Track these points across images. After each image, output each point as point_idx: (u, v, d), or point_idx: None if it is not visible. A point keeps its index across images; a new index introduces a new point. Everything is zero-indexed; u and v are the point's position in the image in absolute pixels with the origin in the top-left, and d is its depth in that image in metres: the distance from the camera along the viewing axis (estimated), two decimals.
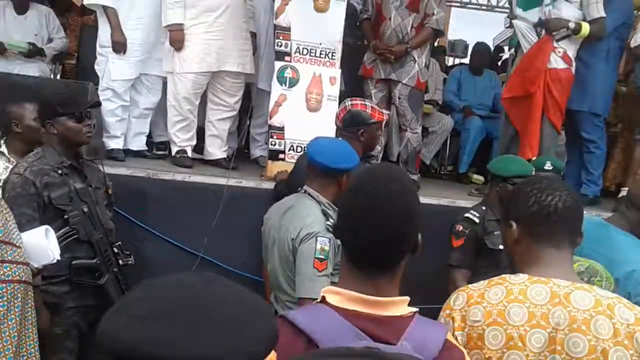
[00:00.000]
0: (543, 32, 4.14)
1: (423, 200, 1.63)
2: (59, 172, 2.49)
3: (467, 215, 2.95)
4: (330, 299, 1.16)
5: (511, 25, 4.68)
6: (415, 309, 1.18)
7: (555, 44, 4.09)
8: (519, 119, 4.25)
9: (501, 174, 2.96)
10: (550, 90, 4.11)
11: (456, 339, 1.35)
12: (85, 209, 2.54)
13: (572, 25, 4.01)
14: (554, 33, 4.05)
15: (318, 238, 2.25)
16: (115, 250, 2.64)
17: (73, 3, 6.49)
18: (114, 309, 0.77)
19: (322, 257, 2.24)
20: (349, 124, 2.86)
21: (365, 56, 4.31)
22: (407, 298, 1.19)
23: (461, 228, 2.91)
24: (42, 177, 2.44)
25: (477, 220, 2.93)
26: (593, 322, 1.30)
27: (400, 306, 1.17)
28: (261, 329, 0.76)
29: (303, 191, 2.43)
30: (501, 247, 2.79)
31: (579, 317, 1.31)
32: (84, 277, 2.56)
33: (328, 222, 2.30)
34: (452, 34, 10.66)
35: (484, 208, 3.00)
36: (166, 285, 0.79)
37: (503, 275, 1.43)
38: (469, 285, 1.47)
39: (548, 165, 3.34)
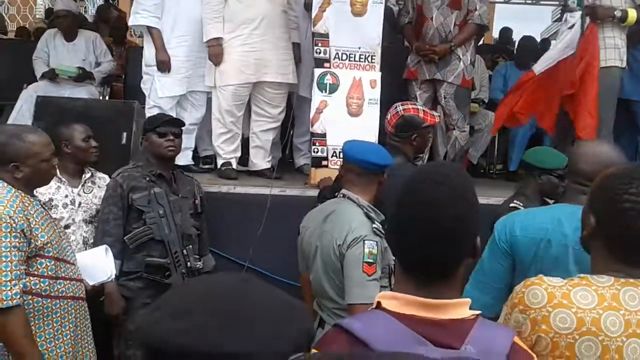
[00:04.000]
0: (587, 19, 3.96)
1: None
2: (147, 178, 2.88)
3: (513, 204, 2.85)
4: (387, 304, 1.11)
5: (560, 19, 4.48)
6: (477, 312, 1.12)
7: (602, 35, 3.91)
8: (571, 105, 4.05)
9: (543, 166, 2.89)
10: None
11: (531, 341, 1.25)
12: (161, 212, 2.84)
13: (618, 13, 3.84)
14: (599, 21, 3.89)
15: (365, 242, 2.22)
16: (185, 252, 2.87)
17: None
18: (151, 307, 0.77)
19: (371, 260, 2.21)
20: (402, 129, 2.85)
21: (408, 59, 4.27)
22: (469, 300, 1.13)
23: None
24: (129, 182, 2.86)
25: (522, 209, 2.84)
26: None
27: (461, 308, 1.11)
28: (294, 329, 0.75)
29: (341, 196, 2.40)
30: None
31: None
32: (155, 275, 2.83)
33: (374, 225, 2.27)
34: (497, 33, 10.45)
35: (522, 199, 2.90)
36: (202, 284, 0.79)
37: (584, 275, 1.31)
38: (543, 279, 1.33)
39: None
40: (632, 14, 3.83)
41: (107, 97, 5.43)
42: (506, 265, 1.85)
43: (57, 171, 3.00)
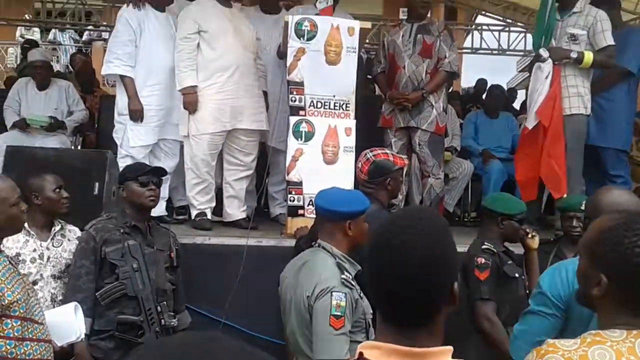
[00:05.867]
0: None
1: None
2: (121, 230, 2.78)
3: (485, 247, 2.90)
4: (368, 354, 1.09)
5: (524, 70, 4.61)
6: None
7: (565, 83, 4.02)
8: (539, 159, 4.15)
9: (505, 212, 2.98)
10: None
11: None
12: (135, 265, 2.73)
13: (574, 55, 3.96)
14: (556, 62, 4.00)
15: (333, 293, 2.16)
16: (160, 309, 2.75)
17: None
18: None
19: (339, 313, 2.14)
20: (375, 175, 2.87)
21: (383, 107, 4.35)
22: (450, 348, 1.10)
23: (483, 260, 2.85)
24: (102, 234, 2.76)
25: (494, 251, 2.89)
26: None
27: (442, 357, 1.09)
28: None
29: (317, 245, 2.37)
30: (516, 275, 2.89)
31: None
32: (128, 333, 2.71)
33: (343, 276, 2.22)
34: (465, 82, 10.74)
35: (490, 242, 2.95)
36: (168, 343, 0.75)
37: (596, 332, 1.28)
38: (556, 344, 1.28)
39: (584, 206, 3.24)
40: (589, 56, 3.94)
41: (79, 147, 5.37)
42: (554, 321, 1.80)
43: (26, 224, 2.94)
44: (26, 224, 2.93)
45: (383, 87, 4.43)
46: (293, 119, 3.72)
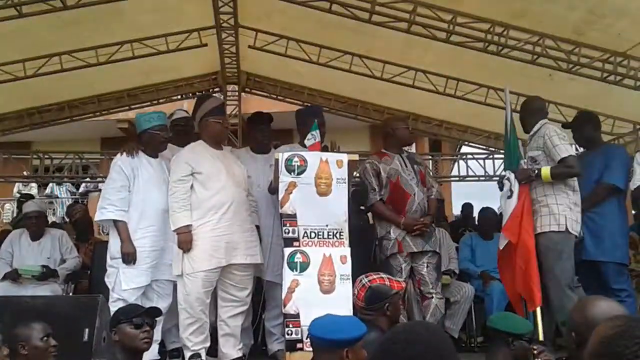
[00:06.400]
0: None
1: None
2: None
3: None
4: None
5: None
6: None
7: (538, 205, 4.10)
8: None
9: (514, 332, 2.89)
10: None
11: None
12: None
13: (534, 172, 4.09)
14: (522, 182, 4.11)
15: None
16: None
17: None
18: None
19: None
20: (373, 301, 2.83)
21: (391, 232, 4.29)
22: None
23: None
24: None
25: None
26: None
27: None
28: None
29: None
30: None
31: None
32: None
33: None
34: (456, 209, 10.90)
35: None
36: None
37: None
38: None
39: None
40: (545, 171, 4.05)
41: (71, 294, 5.26)
42: None
43: None
44: None
45: (388, 214, 4.34)
46: (287, 251, 3.69)
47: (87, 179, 10.64)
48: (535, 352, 2.94)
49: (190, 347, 3.85)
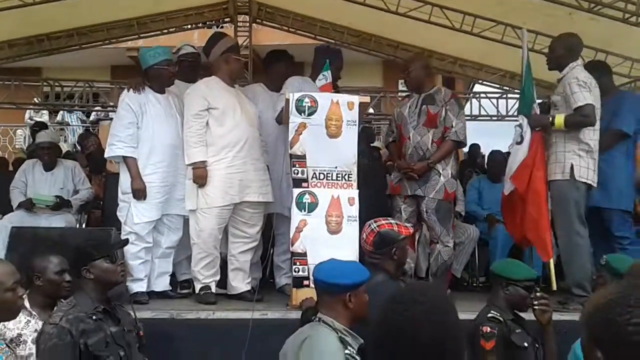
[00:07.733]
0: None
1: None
2: (94, 317, 2.48)
3: (491, 315, 2.82)
4: None
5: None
6: None
7: (549, 147, 4.09)
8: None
9: (510, 277, 2.91)
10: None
11: None
12: (122, 353, 2.50)
13: (548, 119, 4.05)
14: (536, 129, 4.09)
15: None
16: None
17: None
18: None
19: None
20: (381, 246, 2.87)
21: (392, 175, 4.44)
22: None
23: (489, 329, 2.76)
24: (78, 325, 2.41)
25: (501, 319, 2.81)
26: None
27: None
28: None
29: (317, 319, 2.33)
30: (526, 344, 2.76)
31: None
32: None
33: (347, 351, 2.17)
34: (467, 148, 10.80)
35: (497, 309, 2.87)
36: None
37: None
38: None
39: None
40: (559, 119, 3.99)
41: (84, 225, 5.38)
42: None
43: (28, 304, 2.91)
44: (28, 304, 2.90)
45: (394, 156, 4.54)
46: (296, 191, 3.74)
47: (98, 108, 10.63)
48: (531, 302, 2.90)
49: (201, 280, 3.98)
